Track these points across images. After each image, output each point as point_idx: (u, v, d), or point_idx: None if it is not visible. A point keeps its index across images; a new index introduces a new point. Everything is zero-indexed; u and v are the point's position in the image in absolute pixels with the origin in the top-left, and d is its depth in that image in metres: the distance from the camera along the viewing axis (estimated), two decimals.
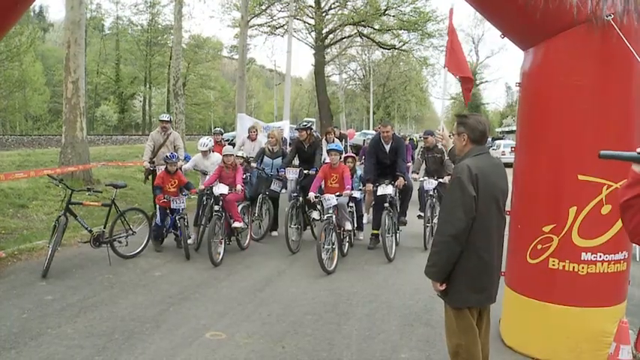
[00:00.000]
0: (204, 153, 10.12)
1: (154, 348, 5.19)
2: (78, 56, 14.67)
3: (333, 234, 8.14)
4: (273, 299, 6.64)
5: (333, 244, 8.12)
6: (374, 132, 20.31)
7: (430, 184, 9.97)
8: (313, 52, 39.83)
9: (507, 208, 5.61)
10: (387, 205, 9.04)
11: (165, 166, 9.28)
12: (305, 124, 10.62)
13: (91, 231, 7.97)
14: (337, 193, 8.36)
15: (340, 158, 9.02)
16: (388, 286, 7.39)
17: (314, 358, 5.00)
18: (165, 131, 11.24)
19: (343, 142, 13.44)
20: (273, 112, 57.30)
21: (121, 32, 61.60)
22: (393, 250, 8.94)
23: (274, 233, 10.55)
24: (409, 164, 13.16)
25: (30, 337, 5.30)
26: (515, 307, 5.26)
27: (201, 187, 9.46)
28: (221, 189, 8.54)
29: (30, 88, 53.06)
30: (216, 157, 10.04)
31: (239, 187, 8.85)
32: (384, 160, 9.46)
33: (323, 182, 8.98)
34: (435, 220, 9.79)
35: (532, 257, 4.99)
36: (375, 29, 37.18)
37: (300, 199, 9.70)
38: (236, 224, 8.83)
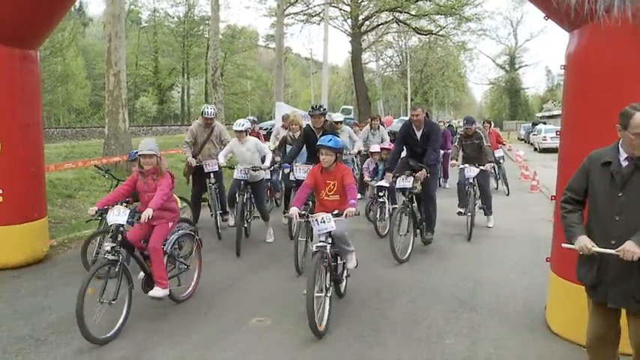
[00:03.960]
0: (240, 135, 8.63)
1: (204, 331, 5.31)
2: (119, 49, 14.92)
3: (328, 275, 5.51)
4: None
5: (328, 289, 5.45)
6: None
7: (471, 171, 9.46)
8: (349, 39, 39.66)
9: (554, 192, 5.54)
10: (405, 200, 8.05)
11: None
12: (319, 109, 8.48)
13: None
14: (335, 212, 5.55)
15: (339, 158, 6.01)
16: (431, 272, 7.35)
17: (361, 344, 5.03)
18: (209, 125, 9.60)
19: (379, 132, 12.68)
20: (310, 101, 57.31)
21: (158, 24, 62.40)
22: (408, 252, 7.93)
23: None
24: (448, 151, 12.99)
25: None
26: (561, 293, 5.18)
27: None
28: (117, 216, 5.31)
29: (72, 82, 54.26)
30: (252, 143, 8.72)
31: (147, 213, 5.34)
32: (414, 148, 8.30)
33: (314, 193, 6.26)
34: (478, 209, 9.56)
35: None
36: (411, 15, 36.75)
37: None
38: (154, 292, 5.62)
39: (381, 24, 41.53)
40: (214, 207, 9.42)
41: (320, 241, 5.48)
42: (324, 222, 5.45)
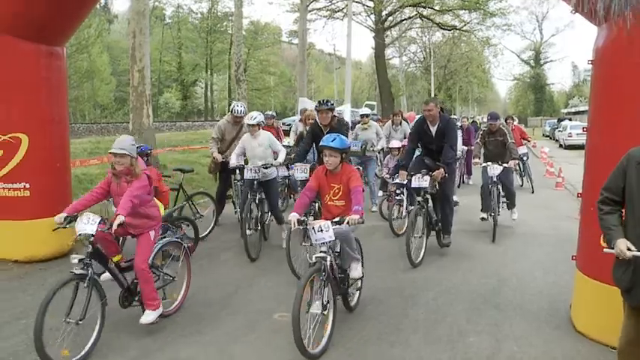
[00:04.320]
0: (253, 129, 8.10)
1: (225, 327, 5.34)
2: (143, 45, 15.01)
3: (327, 290, 4.86)
4: None
5: (325, 306, 4.80)
6: None
7: (494, 169, 9.00)
8: (373, 35, 39.58)
9: (580, 189, 5.46)
10: (420, 200, 7.63)
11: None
12: (327, 103, 7.75)
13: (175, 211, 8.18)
14: (336, 219, 4.97)
15: (346, 158, 5.46)
16: (453, 270, 7.30)
17: (382, 342, 5.02)
18: (238, 123, 9.21)
19: (401, 128, 12.50)
20: (334, 96, 57.26)
21: (181, 21, 62.86)
22: (421, 255, 7.58)
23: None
24: (472, 147, 12.83)
25: (116, 313, 5.53)
26: (587, 292, 5.10)
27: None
28: (86, 225, 4.73)
29: (98, 79, 54.96)
30: (265, 138, 8.19)
31: (117, 221, 4.69)
32: (429, 145, 7.87)
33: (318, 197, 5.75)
34: (502, 210, 9.38)
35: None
36: (435, 10, 36.58)
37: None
38: (145, 318, 5.11)
39: (405, 19, 41.34)
40: (239, 204, 8.99)
41: (320, 251, 4.87)
42: (321, 231, 4.79)
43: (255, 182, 7.89)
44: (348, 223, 4.82)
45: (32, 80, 7.18)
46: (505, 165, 9.12)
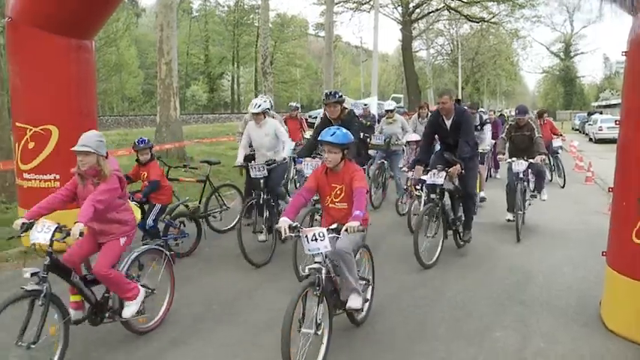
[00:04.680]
0: (257, 118, 7.61)
1: (251, 319, 5.34)
2: (170, 39, 15.16)
3: (321, 306, 4.23)
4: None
5: (319, 325, 4.19)
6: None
7: (520, 165, 8.63)
8: (400, 27, 39.34)
9: (611, 184, 5.36)
10: (436, 197, 7.20)
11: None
12: (334, 95, 7.13)
13: (187, 206, 8.26)
14: (333, 226, 4.35)
15: (348, 155, 4.76)
16: (478, 264, 7.22)
17: (407, 337, 4.98)
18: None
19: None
20: (360, 89, 57.13)
21: (208, 14, 63.26)
22: (436, 255, 7.16)
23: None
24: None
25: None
26: (618, 289, 5.01)
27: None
28: (39, 233, 4.18)
29: (126, 72, 55.73)
30: (272, 126, 7.67)
31: (76, 229, 4.15)
32: (445, 140, 7.57)
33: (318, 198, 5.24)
34: (528, 207, 9.13)
35: (638, 237, 4.73)
36: (463, 2, 36.23)
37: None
38: (126, 311, 4.70)
39: (432, 11, 41.05)
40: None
41: (315, 262, 4.27)
42: (315, 239, 4.15)
43: (262, 181, 7.35)
44: (346, 230, 4.18)
45: (62, 73, 7.28)
46: (531, 161, 8.72)
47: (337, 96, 7.08)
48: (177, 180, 8.58)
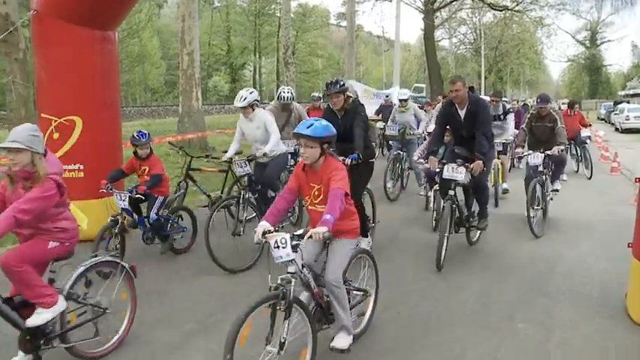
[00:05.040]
0: (245, 112, 7.20)
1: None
2: (192, 29, 15.23)
3: (286, 324, 3.75)
4: (386, 264, 6.55)
5: (283, 345, 3.72)
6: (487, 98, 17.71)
7: (536, 158, 8.22)
8: (422, 16, 39.00)
9: (637, 174, 5.26)
10: (452, 193, 6.68)
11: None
12: (336, 85, 6.40)
13: (209, 196, 8.29)
14: (300, 231, 3.74)
15: (328, 149, 4.18)
16: (500, 254, 7.16)
17: (429, 326, 4.97)
18: (286, 109, 8.84)
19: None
20: (382, 79, 56.86)
21: (230, 4, 63.38)
22: (442, 255, 6.46)
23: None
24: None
25: (159, 292, 5.72)
26: None
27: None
28: None
29: (148, 62, 56.21)
30: (261, 119, 7.19)
31: None
32: (459, 131, 7.02)
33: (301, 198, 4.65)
34: (550, 201, 8.76)
35: None
36: None
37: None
38: (33, 320, 3.88)
39: (455, 0, 40.55)
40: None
41: (288, 272, 3.80)
42: (278, 247, 3.70)
43: (247, 177, 7.06)
44: (310, 237, 3.65)
45: (86, 64, 7.35)
46: (548, 152, 8.24)
47: (339, 85, 6.32)
48: (199, 170, 8.65)
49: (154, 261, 6.79)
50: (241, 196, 6.87)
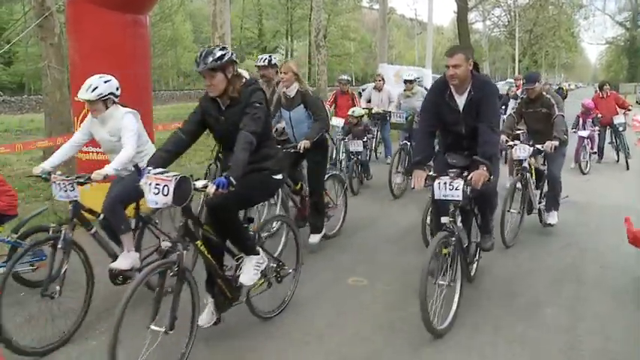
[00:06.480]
0: (94, 109, 4.89)
1: (302, 288, 5.23)
2: (224, 12, 15.27)
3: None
4: (412, 248, 6.57)
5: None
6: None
7: (522, 151, 6.66)
8: None
9: None
10: (448, 222, 4.51)
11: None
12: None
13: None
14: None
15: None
16: (532, 240, 7.06)
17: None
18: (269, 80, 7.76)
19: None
20: (415, 62, 56.34)
21: None
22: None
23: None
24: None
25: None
26: None
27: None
28: None
29: (181, 46, 56.61)
30: (116, 123, 5.00)
31: None
32: (454, 127, 4.91)
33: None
34: (541, 205, 7.32)
35: None
36: None
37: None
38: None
39: None
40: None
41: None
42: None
43: (72, 207, 4.57)
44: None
45: (118, 48, 7.43)
46: (538, 147, 6.68)
47: (213, 58, 4.06)
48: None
49: None
50: (61, 235, 4.26)
